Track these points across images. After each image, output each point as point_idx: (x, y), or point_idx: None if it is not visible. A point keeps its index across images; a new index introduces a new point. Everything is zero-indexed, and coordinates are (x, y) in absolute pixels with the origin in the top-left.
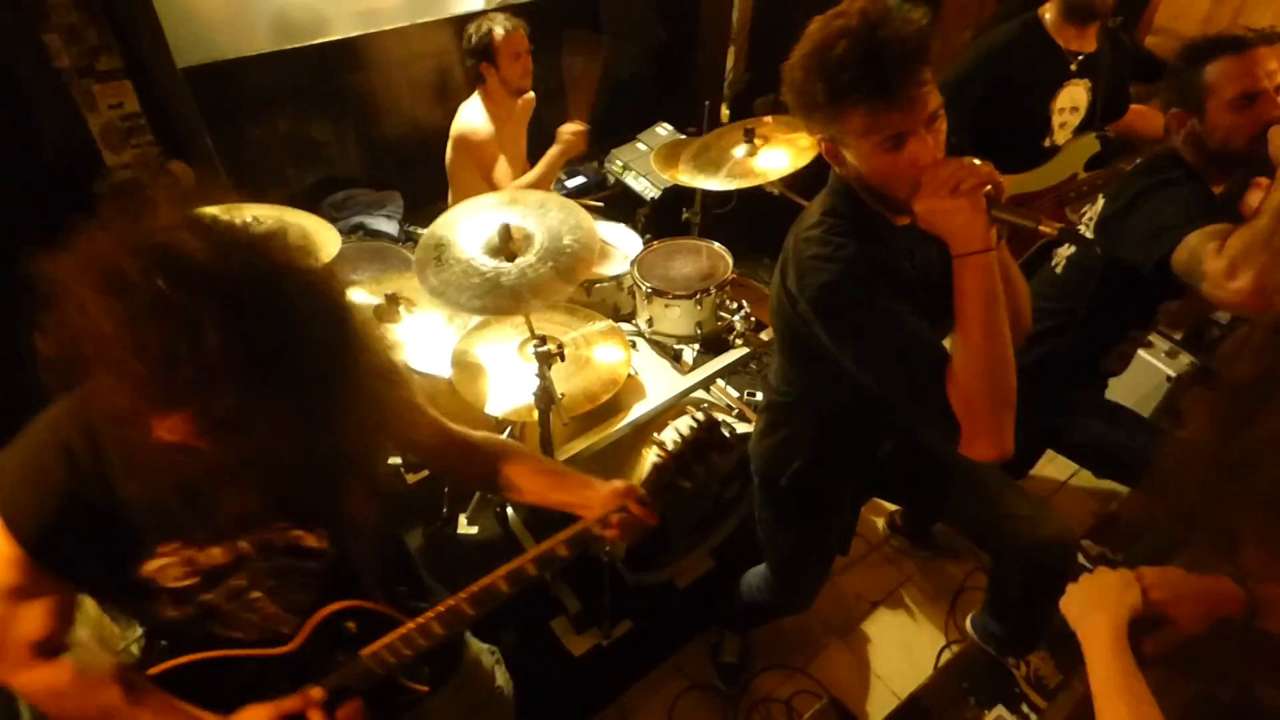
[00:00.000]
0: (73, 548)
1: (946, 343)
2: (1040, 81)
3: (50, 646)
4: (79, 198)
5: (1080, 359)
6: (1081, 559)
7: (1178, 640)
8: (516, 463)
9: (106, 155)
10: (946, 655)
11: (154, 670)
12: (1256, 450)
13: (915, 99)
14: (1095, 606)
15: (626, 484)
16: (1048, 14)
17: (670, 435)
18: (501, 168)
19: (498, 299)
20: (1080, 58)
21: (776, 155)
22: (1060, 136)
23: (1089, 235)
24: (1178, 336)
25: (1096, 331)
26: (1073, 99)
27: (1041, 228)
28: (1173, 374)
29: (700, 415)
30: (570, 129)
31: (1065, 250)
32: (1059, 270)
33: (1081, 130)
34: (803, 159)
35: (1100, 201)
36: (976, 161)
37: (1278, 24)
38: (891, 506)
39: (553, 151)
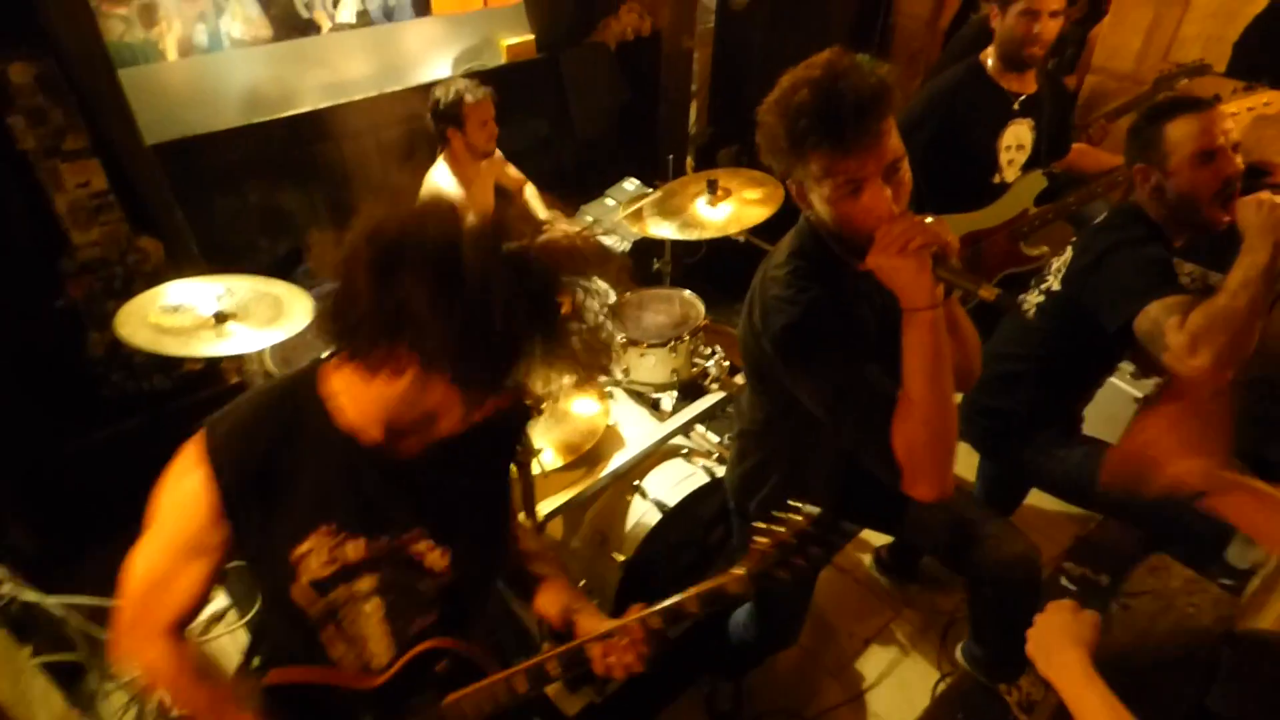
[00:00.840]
0: (251, 510)
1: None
2: (986, 121)
3: (188, 620)
4: (45, 277)
5: (1055, 407)
6: (1064, 581)
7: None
8: (540, 566)
9: (74, 234)
10: (941, 688)
11: (264, 681)
12: None
13: (869, 147)
14: (1056, 646)
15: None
16: (989, 59)
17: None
18: None
19: None
20: (1022, 98)
21: (736, 207)
22: (1009, 174)
23: (1056, 285)
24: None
25: (1070, 380)
26: (1018, 137)
27: (981, 293)
28: (1140, 395)
29: (809, 508)
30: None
31: (1035, 297)
32: (1030, 316)
33: (1028, 167)
34: (762, 213)
35: (1068, 252)
36: (929, 219)
37: (1206, 58)
38: (877, 543)
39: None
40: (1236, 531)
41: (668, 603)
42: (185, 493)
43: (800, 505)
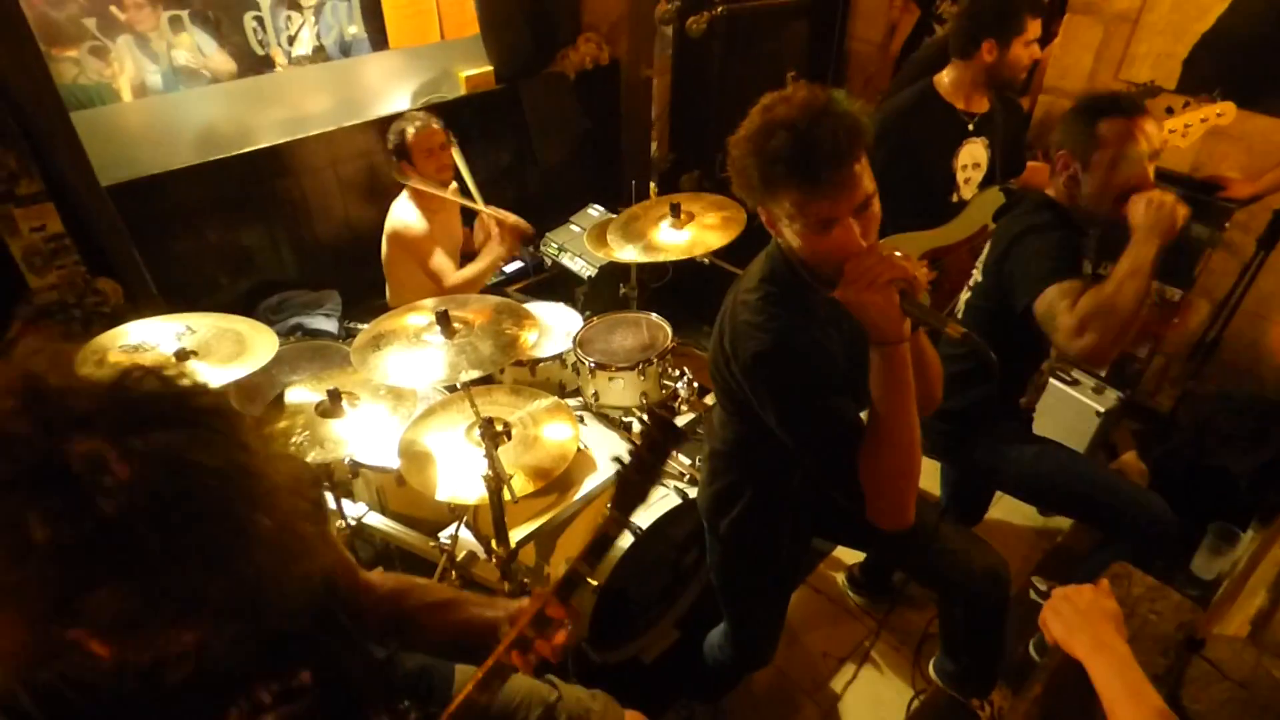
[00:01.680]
0: None
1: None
2: (941, 142)
3: None
4: (1, 323)
5: (997, 400)
6: (1033, 595)
7: None
8: (412, 597)
9: (30, 278)
10: (916, 705)
11: None
12: None
13: (843, 189)
14: (1086, 624)
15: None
16: (944, 79)
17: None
18: (438, 259)
19: (442, 370)
20: (976, 118)
21: (699, 230)
22: (966, 192)
23: (980, 277)
24: (1102, 374)
25: (1005, 370)
26: (973, 156)
27: (947, 330)
28: (1101, 409)
29: (644, 413)
30: (514, 225)
31: (964, 295)
32: (960, 315)
33: (985, 185)
34: (726, 236)
35: (987, 246)
36: (898, 254)
37: (1156, 77)
38: (849, 561)
39: (498, 251)
40: (1200, 540)
41: (560, 577)
42: None
43: (648, 415)
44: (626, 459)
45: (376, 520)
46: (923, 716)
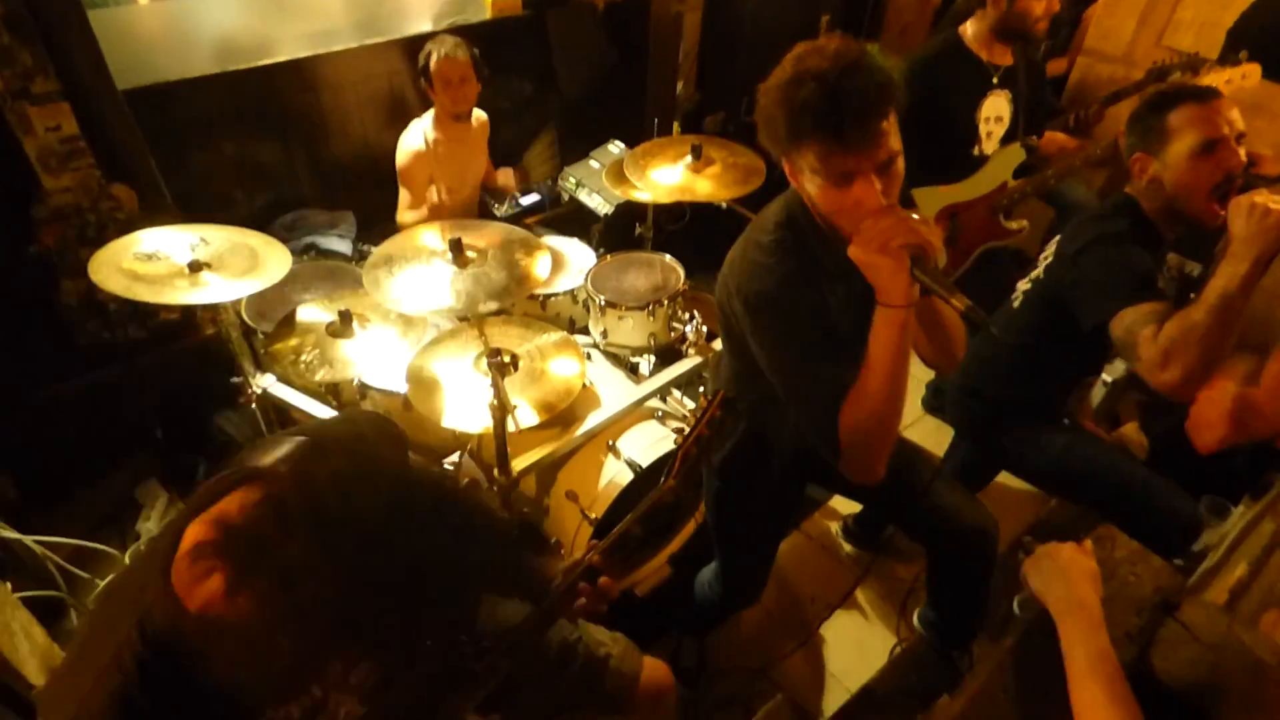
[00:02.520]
0: None
1: None
2: (965, 93)
3: None
4: (17, 223)
5: (1040, 399)
6: (1022, 556)
7: None
8: None
9: (45, 179)
10: (898, 652)
11: None
12: None
13: (867, 144)
14: (1063, 580)
15: (587, 547)
16: (969, 30)
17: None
18: (406, 195)
19: (453, 300)
20: (1000, 70)
21: (719, 175)
22: (988, 146)
23: (1042, 274)
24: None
25: (1052, 373)
26: (996, 109)
27: (953, 302)
28: (1109, 379)
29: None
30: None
31: (1023, 285)
32: (1016, 305)
33: (1007, 140)
34: (745, 185)
35: (1056, 241)
36: (915, 217)
37: (1198, 47)
38: (844, 512)
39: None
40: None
41: (615, 534)
42: None
43: (708, 394)
44: (687, 432)
45: None
46: (903, 662)
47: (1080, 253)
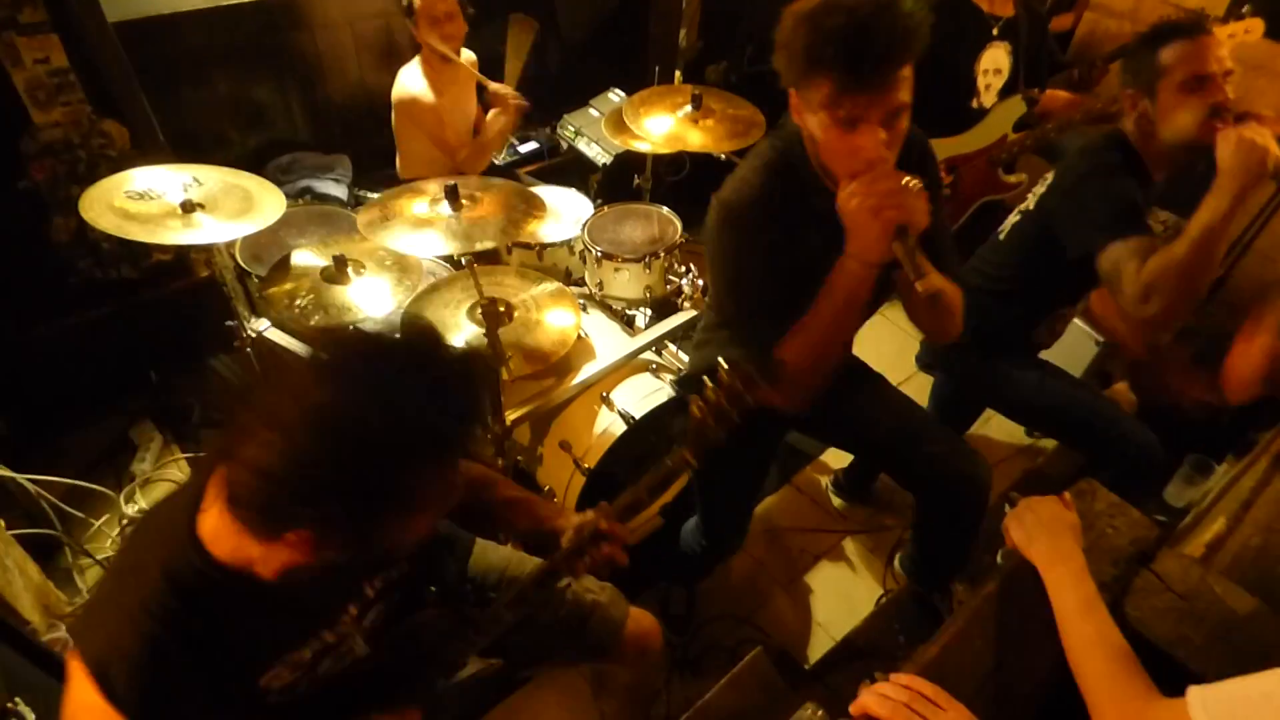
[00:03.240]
0: (173, 694)
1: None
2: (964, 43)
3: None
4: (6, 155)
5: (1011, 329)
6: (1008, 509)
7: None
8: (489, 488)
9: (34, 113)
10: (884, 602)
11: None
12: None
13: (882, 90)
14: (1046, 532)
15: (596, 513)
16: None
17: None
18: (448, 131)
19: (448, 240)
20: (1001, 21)
21: (718, 125)
22: (986, 99)
23: (1032, 206)
24: None
25: (1028, 302)
26: (995, 61)
27: (918, 285)
28: (1100, 338)
29: (736, 368)
30: (514, 97)
31: (1013, 219)
32: (1002, 238)
33: (1005, 93)
34: (746, 140)
35: (1049, 177)
36: (911, 184)
37: (1204, 3)
38: (835, 467)
39: (502, 121)
40: (1176, 468)
41: (624, 497)
42: None
43: (725, 366)
44: (702, 405)
45: None
46: (887, 611)
47: (1074, 184)
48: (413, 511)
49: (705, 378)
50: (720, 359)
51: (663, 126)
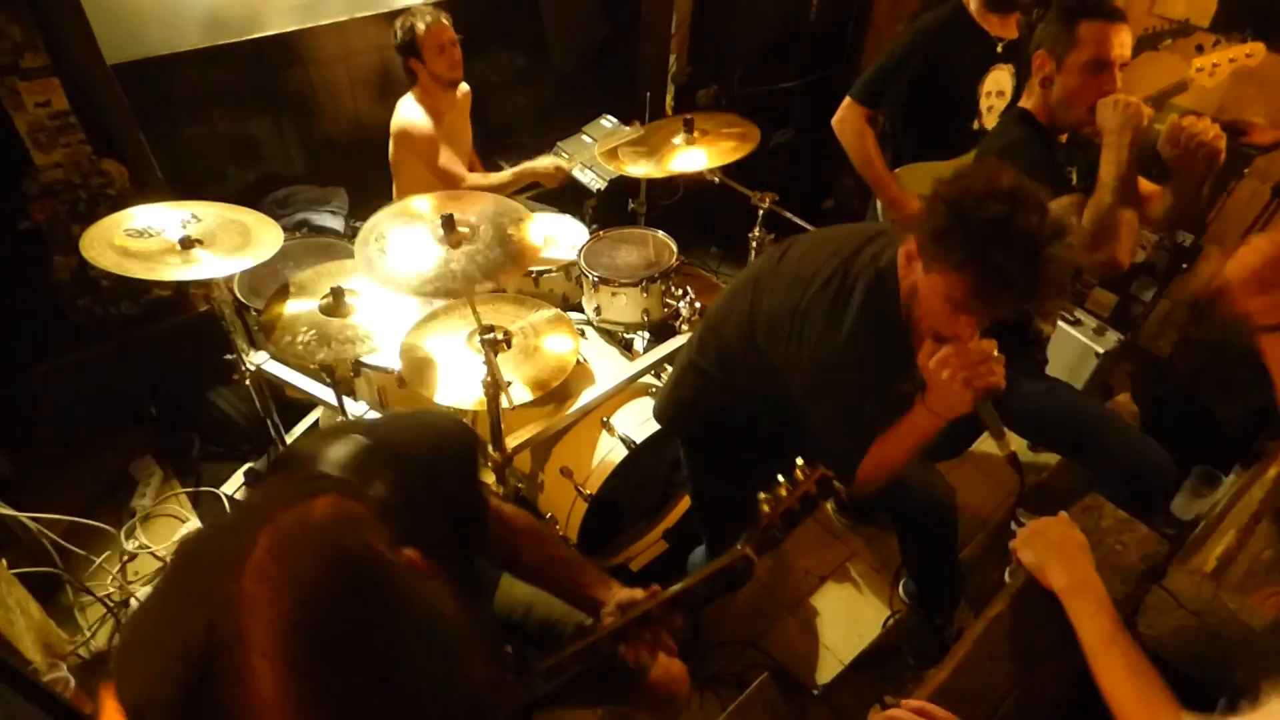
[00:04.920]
0: None
1: None
2: (968, 64)
3: None
4: (7, 198)
5: (1010, 331)
6: (1014, 527)
7: None
8: (537, 545)
9: (35, 155)
10: (891, 624)
11: None
12: None
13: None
14: (1060, 557)
15: (648, 591)
16: (971, 1)
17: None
18: (446, 157)
19: (446, 283)
20: (1004, 43)
21: (712, 149)
22: (988, 121)
23: None
24: (1105, 315)
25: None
26: (998, 83)
27: (999, 448)
28: (1101, 350)
29: (814, 472)
30: (557, 168)
31: None
32: None
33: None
34: (738, 155)
35: None
36: (997, 357)
37: (1190, 15)
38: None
39: (526, 167)
40: (1183, 481)
41: (677, 589)
42: None
43: (805, 468)
44: (773, 502)
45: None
46: (895, 633)
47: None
48: None
49: (780, 477)
50: (799, 460)
51: (682, 154)
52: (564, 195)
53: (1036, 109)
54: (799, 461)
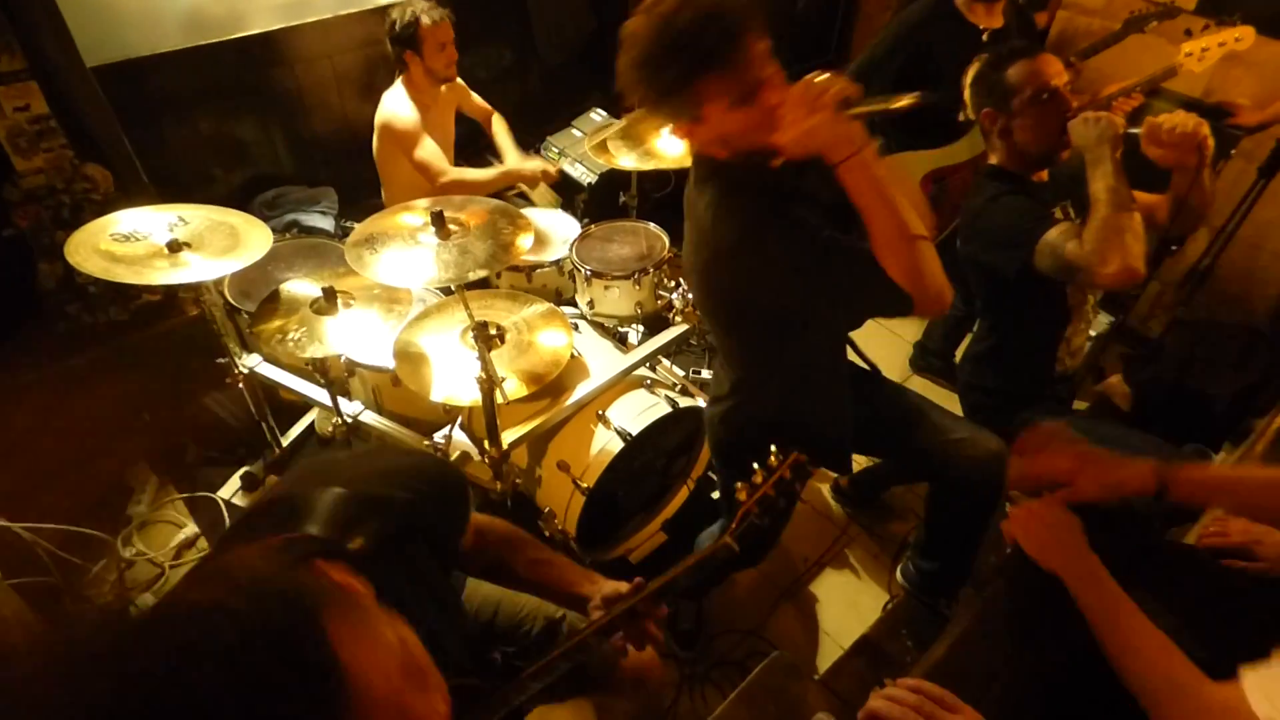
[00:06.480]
0: None
1: None
2: (953, 54)
3: None
4: None
5: (1030, 372)
6: (1007, 509)
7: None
8: (516, 551)
9: (16, 160)
10: (890, 608)
11: None
12: None
13: (751, 53)
14: (1057, 541)
15: (632, 584)
16: None
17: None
18: (427, 149)
19: (440, 271)
20: (990, 33)
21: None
22: (974, 111)
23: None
24: (1097, 298)
25: (1024, 342)
26: None
27: (894, 105)
28: (1093, 333)
29: (787, 456)
30: (544, 171)
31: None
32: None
33: None
34: None
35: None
36: (818, 77)
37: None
38: (834, 474)
39: (512, 168)
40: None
41: (663, 579)
42: None
43: (779, 453)
44: (751, 492)
45: (372, 419)
46: (895, 617)
47: (973, 223)
48: None
49: (755, 464)
50: (773, 446)
51: (671, 145)
52: (555, 189)
53: (1005, 162)
54: (772, 449)
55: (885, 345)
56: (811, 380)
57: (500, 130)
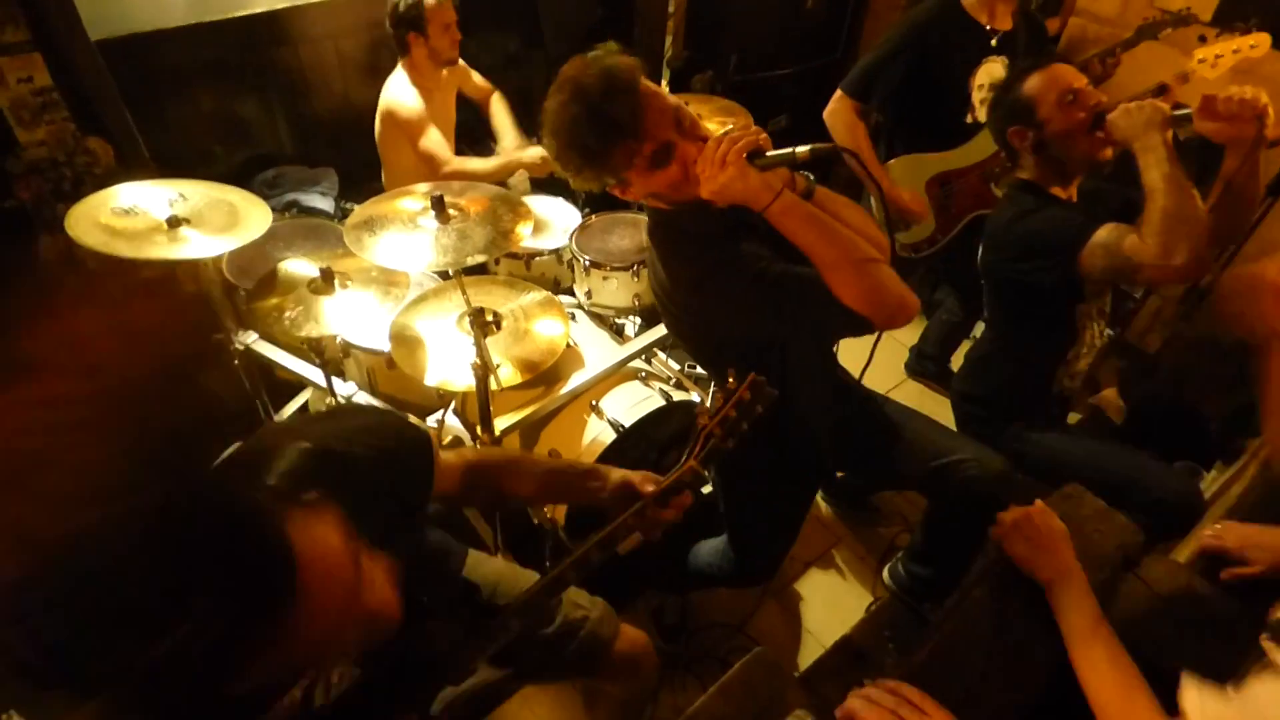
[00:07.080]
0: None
1: None
2: (961, 56)
3: None
4: None
5: (1029, 385)
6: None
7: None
8: (520, 472)
9: (19, 132)
10: (874, 609)
11: None
12: None
13: (656, 117)
14: (1045, 550)
15: (641, 474)
16: None
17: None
18: (432, 139)
19: (438, 255)
20: (999, 35)
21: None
22: (981, 113)
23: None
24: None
25: (1031, 353)
26: (991, 75)
27: (797, 154)
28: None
29: (747, 380)
30: (544, 159)
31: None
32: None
33: None
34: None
35: (981, 248)
36: (730, 126)
37: (1193, 6)
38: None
39: (514, 158)
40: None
41: (624, 515)
42: None
43: (736, 376)
44: (710, 416)
45: (366, 400)
46: (878, 618)
47: (1004, 231)
48: None
49: (714, 386)
50: (730, 372)
51: None
52: (556, 180)
53: (1038, 177)
54: (730, 372)
55: (880, 349)
56: (801, 391)
57: (500, 110)
